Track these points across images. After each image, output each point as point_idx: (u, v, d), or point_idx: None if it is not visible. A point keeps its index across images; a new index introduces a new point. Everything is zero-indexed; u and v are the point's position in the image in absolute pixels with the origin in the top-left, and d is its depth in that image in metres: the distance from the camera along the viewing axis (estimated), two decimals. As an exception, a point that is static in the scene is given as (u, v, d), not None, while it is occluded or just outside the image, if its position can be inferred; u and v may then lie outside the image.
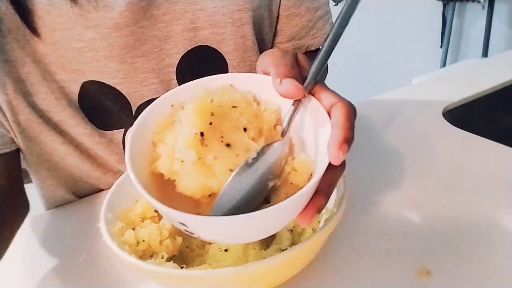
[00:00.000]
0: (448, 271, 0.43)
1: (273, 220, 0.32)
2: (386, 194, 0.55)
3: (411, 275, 0.43)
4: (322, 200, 0.33)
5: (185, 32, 0.55)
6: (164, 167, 0.34)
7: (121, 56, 0.53)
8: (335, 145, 0.30)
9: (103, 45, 0.51)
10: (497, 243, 0.46)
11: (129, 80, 0.55)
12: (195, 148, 0.32)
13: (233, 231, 0.32)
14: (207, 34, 0.56)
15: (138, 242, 0.42)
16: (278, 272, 0.40)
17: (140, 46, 0.54)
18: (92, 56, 0.52)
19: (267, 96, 0.37)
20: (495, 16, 2.32)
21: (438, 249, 0.46)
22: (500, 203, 0.52)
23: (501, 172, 0.57)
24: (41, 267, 0.51)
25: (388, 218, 0.51)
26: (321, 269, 0.44)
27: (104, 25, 0.51)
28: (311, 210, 0.32)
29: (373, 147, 0.66)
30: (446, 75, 0.92)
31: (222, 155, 0.33)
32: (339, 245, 0.47)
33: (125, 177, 0.49)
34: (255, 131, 0.36)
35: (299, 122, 0.36)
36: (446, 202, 0.53)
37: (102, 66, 0.53)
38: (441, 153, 0.63)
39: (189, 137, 0.33)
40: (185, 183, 0.33)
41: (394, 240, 0.47)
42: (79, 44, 0.51)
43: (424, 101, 0.80)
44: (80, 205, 0.63)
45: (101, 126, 0.59)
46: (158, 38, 0.54)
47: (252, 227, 0.32)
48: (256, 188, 0.33)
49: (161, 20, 0.54)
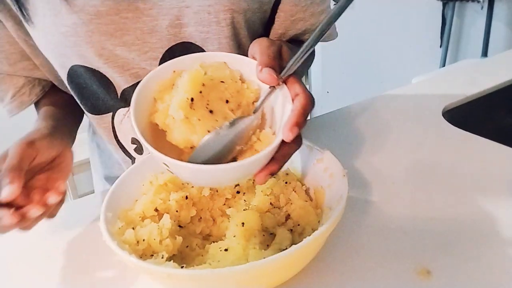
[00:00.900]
0: (448, 271, 0.43)
1: (235, 172, 0.40)
2: (386, 194, 0.55)
3: (411, 275, 0.43)
4: (276, 166, 0.40)
5: (170, 28, 0.56)
6: (159, 119, 0.42)
7: (101, 42, 0.55)
8: (287, 127, 0.38)
9: (84, 30, 0.54)
10: (497, 243, 0.46)
11: (110, 66, 0.57)
12: (184, 109, 0.40)
13: (201, 175, 0.40)
14: (192, 31, 0.56)
15: (138, 241, 0.42)
16: (278, 272, 0.40)
17: (121, 36, 0.55)
18: (74, 41, 0.54)
19: (251, 77, 0.44)
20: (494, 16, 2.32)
21: (438, 249, 0.46)
22: (500, 203, 0.52)
23: (501, 172, 0.57)
24: (40, 266, 0.51)
25: (388, 218, 0.51)
26: (321, 269, 0.44)
27: (86, 11, 0.53)
28: (266, 171, 0.40)
29: (373, 147, 0.66)
30: (446, 75, 0.92)
31: (205, 119, 0.41)
32: (339, 245, 0.47)
33: (125, 177, 0.49)
34: (235, 104, 0.43)
35: (272, 104, 0.44)
36: (446, 202, 0.53)
37: (83, 50, 0.55)
38: (441, 153, 0.63)
39: (181, 100, 0.40)
40: (173, 135, 0.41)
41: (394, 240, 0.47)
42: (63, 29, 0.54)
43: (424, 101, 0.80)
44: (80, 204, 0.63)
45: (90, 110, 0.63)
46: (142, 31, 0.55)
47: (217, 175, 0.40)
48: (226, 149, 0.41)
49: (146, 13, 0.55)
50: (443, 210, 0.52)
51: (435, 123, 0.72)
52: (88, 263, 0.50)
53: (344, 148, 0.66)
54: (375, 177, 0.59)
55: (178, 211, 0.47)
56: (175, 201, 0.47)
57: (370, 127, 0.72)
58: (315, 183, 0.50)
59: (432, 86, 0.88)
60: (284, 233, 0.44)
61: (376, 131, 0.71)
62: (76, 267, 0.50)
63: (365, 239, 0.48)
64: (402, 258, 0.45)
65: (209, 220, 0.49)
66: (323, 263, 0.45)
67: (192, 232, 0.48)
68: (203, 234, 0.49)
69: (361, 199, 0.54)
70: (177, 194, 0.47)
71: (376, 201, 0.54)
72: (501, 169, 0.58)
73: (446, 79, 0.91)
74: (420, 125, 0.71)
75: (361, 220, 0.51)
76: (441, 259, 0.44)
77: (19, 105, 0.64)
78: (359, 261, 0.45)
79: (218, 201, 0.50)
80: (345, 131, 0.72)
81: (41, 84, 0.64)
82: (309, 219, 0.46)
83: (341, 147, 0.67)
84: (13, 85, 0.62)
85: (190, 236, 0.47)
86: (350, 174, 0.45)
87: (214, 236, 0.49)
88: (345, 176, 0.45)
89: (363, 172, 0.60)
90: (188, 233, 0.48)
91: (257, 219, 0.44)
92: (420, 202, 0.53)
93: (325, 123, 0.75)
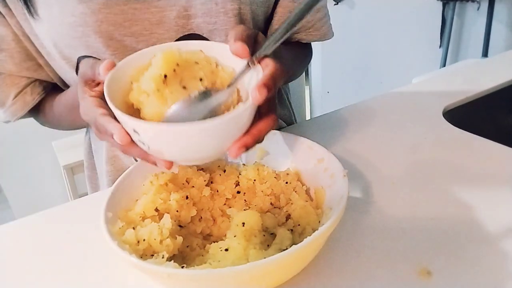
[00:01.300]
0: (448, 271, 0.43)
1: (202, 135, 0.39)
2: (386, 194, 0.55)
3: (411, 275, 0.43)
4: (250, 139, 0.40)
5: (178, 19, 0.56)
6: (133, 97, 0.42)
7: (110, 32, 0.55)
8: (255, 88, 0.38)
9: (93, 19, 0.54)
10: (497, 243, 0.46)
11: (117, 57, 0.56)
12: (157, 84, 0.41)
13: (165, 137, 0.39)
14: (200, 22, 0.57)
15: (138, 241, 0.42)
16: (278, 272, 0.40)
17: (130, 26, 0.55)
18: (82, 31, 0.55)
19: (227, 62, 0.45)
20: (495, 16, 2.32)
21: (438, 249, 0.46)
22: (500, 203, 0.52)
23: (501, 172, 0.58)
24: (41, 267, 0.51)
25: (388, 218, 0.51)
26: (321, 269, 0.44)
27: (95, 1, 0.54)
28: (239, 143, 0.40)
29: (373, 147, 0.66)
30: (446, 75, 0.92)
31: (177, 92, 0.42)
32: (339, 245, 0.47)
33: (125, 176, 0.50)
34: (209, 83, 0.43)
35: (246, 87, 0.44)
36: (446, 202, 0.53)
37: (92, 41, 0.55)
38: (441, 153, 0.63)
39: (154, 74, 0.41)
40: (146, 110, 0.42)
41: (394, 240, 0.47)
42: (71, 19, 0.54)
43: (424, 101, 0.80)
44: (80, 204, 0.63)
45: None
46: (150, 21, 0.56)
47: (182, 138, 0.39)
48: (195, 118, 0.40)
49: (154, 4, 0.55)
50: (443, 210, 0.52)
51: (435, 123, 0.72)
52: (88, 263, 0.50)
53: (344, 148, 0.66)
54: (375, 177, 0.59)
55: (178, 211, 0.47)
56: (176, 201, 0.47)
57: (370, 127, 0.72)
58: (316, 183, 0.50)
59: (432, 86, 0.88)
60: (284, 233, 0.44)
61: (376, 131, 0.71)
62: (76, 267, 0.50)
63: (365, 239, 0.48)
64: (402, 258, 0.45)
65: (209, 220, 0.49)
66: (323, 263, 0.45)
67: (193, 232, 0.48)
68: (203, 234, 0.49)
69: (361, 199, 0.54)
70: (178, 194, 0.47)
71: (376, 201, 0.54)
72: (501, 169, 0.58)
73: (446, 79, 0.91)
74: (420, 125, 0.72)
75: (361, 220, 0.51)
76: (441, 259, 0.44)
77: (22, 105, 0.63)
78: (359, 261, 0.45)
79: (218, 201, 0.50)
80: (345, 131, 0.72)
81: (42, 84, 0.64)
82: (310, 219, 0.46)
83: (341, 147, 0.67)
84: (16, 85, 0.62)
85: (190, 236, 0.47)
86: (350, 174, 0.46)
87: (214, 236, 0.49)
88: (346, 176, 0.45)
89: (363, 172, 0.60)
90: (188, 233, 0.48)
91: (258, 219, 0.44)
92: (420, 202, 0.53)
93: (325, 123, 0.75)
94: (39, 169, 1.95)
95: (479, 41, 2.40)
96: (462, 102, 0.80)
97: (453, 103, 0.78)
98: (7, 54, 0.60)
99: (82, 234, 0.55)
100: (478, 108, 0.82)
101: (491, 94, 0.83)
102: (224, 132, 0.39)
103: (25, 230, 0.58)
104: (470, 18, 2.48)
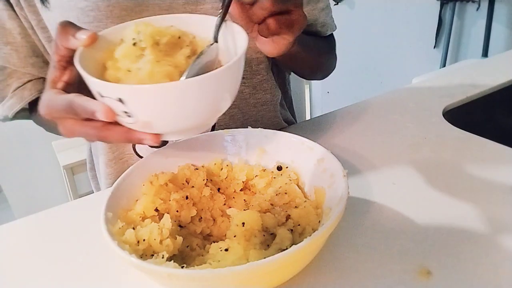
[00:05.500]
0: (448, 271, 0.43)
1: (199, 91, 0.36)
2: (386, 194, 0.55)
3: (411, 275, 0.43)
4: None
5: (187, 5, 0.57)
6: (110, 76, 0.39)
7: (122, 17, 0.55)
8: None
9: (105, 4, 0.54)
10: (497, 243, 0.46)
11: None
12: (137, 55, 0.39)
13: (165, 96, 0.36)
14: (208, 8, 0.57)
15: (138, 241, 0.42)
16: (279, 272, 0.40)
17: (141, 12, 0.56)
18: (94, 16, 0.55)
19: (203, 33, 0.44)
20: (494, 16, 2.32)
21: (438, 249, 0.46)
22: (500, 203, 0.52)
23: (501, 172, 0.58)
24: (40, 267, 0.51)
25: (388, 218, 0.51)
26: (321, 269, 0.44)
27: None
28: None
29: (373, 147, 0.66)
30: (446, 75, 0.92)
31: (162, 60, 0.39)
32: (339, 245, 0.47)
33: (125, 177, 0.49)
34: (191, 52, 0.42)
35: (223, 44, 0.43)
36: (446, 202, 0.53)
37: (103, 26, 0.55)
38: (441, 153, 0.63)
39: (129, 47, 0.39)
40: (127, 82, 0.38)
41: (394, 240, 0.47)
42: (83, 4, 0.54)
43: (424, 101, 0.80)
44: (80, 204, 0.63)
45: None
46: (160, 7, 0.56)
47: (183, 96, 0.36)
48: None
49: None
50: (443, 210, 0.52)
51: (435, 123, 0.72)
52: (88, 263, 0.50)
53: (344, 148, 0.66)
54: (375, 177, 0.59)
55: (178, 211, 0.47)
56: (176, 201, 0.47)
57: (370, 127, 0.72)
58: (316, 183, 0.50)
59: (432, 86, 0.88)
60: (284, 233, 0.44)
61: (376, 131, 0.71)
62: (76, 267, 0.50)
63: (365, 239, 0.48)
64: (402, 258, 0.45)
65: (209, 220, 0.49)
66: (323, 263, 0.45)
67: (193, 232, 0.48)
68: (203, 234, 0.49)
69: (361, 199, 0.54)
70: (178, 194, 0.47)
71: (376, 201, 0.54)
72: (501, 169, 0.58)
73: (446, 79, 0.91)
74: (420, 125, 0.72)
75: (361, 220, 0.51)
76: (441, 259, 0.44)
77: (19, 100, 0.62)
78: (359, 261, 0.45)
79: (218, 201, 0.50)
80: (345, 131, 0.72)
81: (44, 82, 0.64)
82: (310, 219, 0.46)
83: (341, 147, 0.67)
84: (18, 79, 0.62)
85: (190, 236, 0.47)
86: (350, 174, 0.46)
87: (214, 236, 0.49)
88: (346, 176, 0.45)
89: (363, 172, 0.60)
90: (188, 233, 0.48)
91: (258, 219, 0.44)
92: (420, 202, 0.53)
93: (325, 123, 0.75)
94: (39, 169, 1.95)
95: (479, 41, 2.40)
96: (462, 102, 0.80)
97: (453, 103, 0.78)
98: (13, 48, 0.60)
99: (82, 234, 0.55)
100: (478, 108, 0.82)
101: (491, 94, 0.83)
102: (219, 87, 0.38)
103: (25, 230, 0.58)
104: (470, 18, 2.48)
